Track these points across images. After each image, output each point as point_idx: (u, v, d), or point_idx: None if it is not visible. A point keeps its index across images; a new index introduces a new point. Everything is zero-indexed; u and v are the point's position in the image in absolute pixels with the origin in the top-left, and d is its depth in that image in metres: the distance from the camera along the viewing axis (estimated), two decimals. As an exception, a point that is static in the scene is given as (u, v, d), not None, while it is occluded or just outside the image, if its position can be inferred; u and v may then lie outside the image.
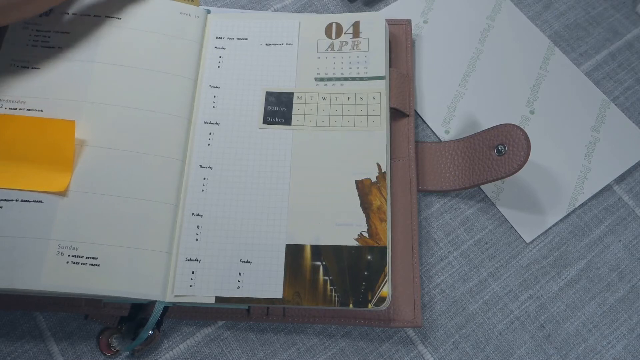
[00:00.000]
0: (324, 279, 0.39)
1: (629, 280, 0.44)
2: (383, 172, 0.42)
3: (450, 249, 0.44)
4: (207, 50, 0.46)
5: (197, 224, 0.41)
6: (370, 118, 0.44)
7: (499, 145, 0.43)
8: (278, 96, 0.45)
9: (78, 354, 0.40)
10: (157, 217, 0.40)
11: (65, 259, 0.37)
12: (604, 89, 0.50)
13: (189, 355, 0.41)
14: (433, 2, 0.53)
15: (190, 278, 0.39)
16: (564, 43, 0.51)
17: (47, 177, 0.39)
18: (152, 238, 0.39)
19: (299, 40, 0.47)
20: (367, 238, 0.40)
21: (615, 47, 0.51)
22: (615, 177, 0.47)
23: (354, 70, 0.45)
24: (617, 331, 0.42)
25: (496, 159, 0.43)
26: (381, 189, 0.42)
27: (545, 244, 0.45)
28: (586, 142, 0.48)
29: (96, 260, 0.38)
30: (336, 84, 0.45)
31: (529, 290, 0.43)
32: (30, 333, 0.40)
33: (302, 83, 0.45)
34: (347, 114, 0.44)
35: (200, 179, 0.42)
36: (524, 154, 0.42)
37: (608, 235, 0.45)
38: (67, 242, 0.38)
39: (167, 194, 0.41)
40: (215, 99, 0.45)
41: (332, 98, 0.45)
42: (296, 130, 0.44)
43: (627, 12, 0.53)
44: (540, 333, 0.42)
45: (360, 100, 0.44)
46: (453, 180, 0.45)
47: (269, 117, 0.44)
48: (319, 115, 0.44)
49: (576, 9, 0.53)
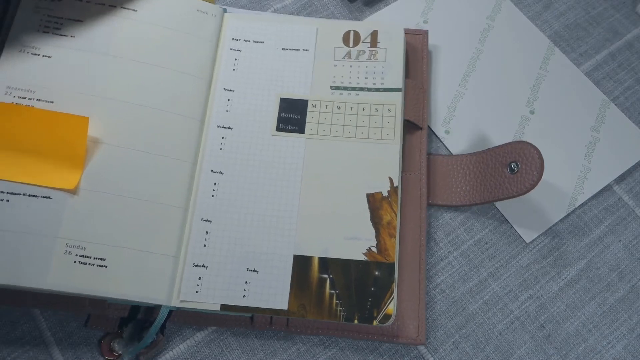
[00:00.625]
0: (330, 292, 0.39)
1: (629, 280, 0.44)
2: (395, 187, 0.42)
3: (450, 249, 0.44)
4: (223, 51, 0.46)
5: (205, 230, 0.40)
6: (384, 130, 0.43)
7: (512, 163, 0.42)
8: (292, 103, 0.44)
9: (78, 354, 0.40)
10: (167, 220, 0.39)
11: (72, 258, 0.37)
12: (604, 89, 0.50)
13: (189, 355, 0.41)
14: (433, 2, 0.53)
15: (197, 284, 0.39)
16: (564, 43, 0.51)
17: (56, 172, 0.38)
18: (161, 241, 0.39)
19: (315, 46, 0.46)
20: (375, 253, 0.40)
21: (615, 47, 0.51)
22: (615, 177, 0.47)
23: (370, 80, 0.45)
24: (617, 331, 0.42)
25: (508, 177, 0.42)
26: (392, 204, 0.41)
27: (545, 244, 0.45)
28: (586, 142, 0.48)
29: (104, 262, 0.37)
30: (351, 94, 0.45)
31: (529, 290, 0.43)
32: (30, 333, 0.40)
33: (317, 91, 0.45)
34: (361, 125, 0.44)
35: (211, 183, 0.42)
36: (537, 173, 0.41)
37: (608, 235, 0.45)
38: (75, 241, 0.37)
39: (178, 197, 0.40)
40: (229, 103, 0.44)
41: (346, 108, 0.44)
42: (309, 139, 0.43)
43: (627, 12, 0.53)
44: (540, 333, 0.42)
45: (375, 111, 0.44)
46: (463, 195, 0.44)
47: (282, 124, 0.44)
48: (333, 125, 0.44)
49: (576, 9, 0.53)
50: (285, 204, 0.41)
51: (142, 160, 0.40)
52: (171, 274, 0.39)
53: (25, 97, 0.40)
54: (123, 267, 0.38)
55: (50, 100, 0.40)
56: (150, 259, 0.38)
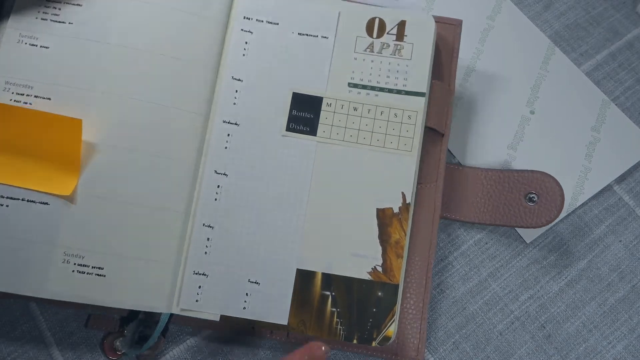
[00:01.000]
0: (332, 310, 0.38)
1: (630, 281, 0.44)
2: (407, 203, 0.39)
3: (450, 249, 0.44)
4: (233, 32, 0.41)
5: (207, 236, 0.39)
6: (402, 140, 0.40)
7: (531, 194, 0.41)
8: (305, 100, 0.41)
9: (78, 355, 0.40)
10: (167, 226, 0.38)
11: (71, 267, 0.36)
12: (605, 89, 0.50)
13: (189, 355, 0.40)
14: (433, 2, 0.52)
15: (197, 292, 0.38)
16: (564, 43, 0.51)
17: (53, 177, 0.37)
18: (161, 248, 0.38)
19: (336, 33, 0.42)
20: (380, 273, 0.38)
21: (615, 47, 0.51)
22: (616, 177, 0.47)
23: (392, 80, 0.41)
24: (617, 331, 0.42)
25: (525, 206, 0.41)
26: (402, 222, 0.39)
27: (546, 244, 0.45)
28: (586, 142, 0.48)
29: (102, 271, 0.37)
30: (370, 94, 0.41)
31: (529, 290, 0.43)
32: (30, 333, 0.40)
33: (333, 87, 0.41)
34: (378, 131, 0.40)
35: (215, 186, 0.39)
36: (556, 211, 0.40)
37: (608, 235, 0.45)
38: (74, 249, 0.36)
39: (179, 201, 0.38)
40: (237, 95, 0.40)
41: (363, 110, 0.41)
42: (321, 143, 0.40)
43: (627, 12, 0.53)
44: (540, 333, 0.42)
45: (394, 117, 0.40)
46: (476, 213, 0.43)
47: (293, 123, 0.40)
48: (348, 128, 0.40)
49: (576, 9, 0.53)
50: (291, 213, 0.39)
51: (141, 163, 0.38)
52: (171, 282, 0.38)
53: (24, 94, 0.38)
54: (122, 276, 0.37)
55: (47, 97, 0.38)
56: (149, 266, 0.37)
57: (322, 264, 0.39)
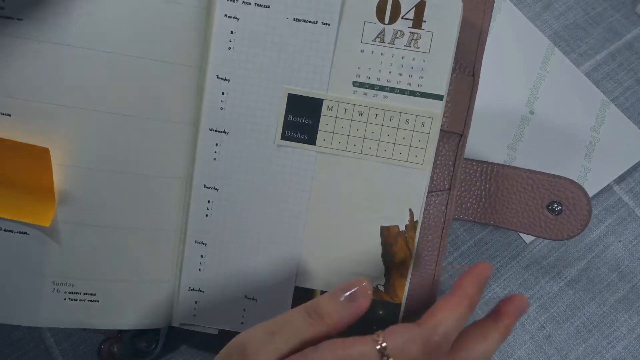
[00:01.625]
0: None
1: (629, 281, 0.44)
2: (414, 222, 0.36)
3: (450, 249, 0.44)
4: (216, 19, 0.35)
5: (200, 253, 0.36)
6: (412, 150, 0.35)
7: (555, 204, 0.37)
8: (303, 102, 0.35)
9: (78, 355, 0.40)
10: (157, 245, 0.36)
11: (62, 295, 0.35)
12: (604, 89, 0.50)
13: (189, 356, 0.40)
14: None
15: (194, 308, 0.37)
16: (563, 43, 0.51)
17: (28, 206, 0.33)
18: (153, 268, 0.36)
19: (340, 19, 0.35)
20: (382, 292, 0.36)
21: (615, 48, 0.52)
22: (615, 177, 0.47)
23: (405, 78, 0.35)
24: (617, 331, 0.42)
25: (546, 216, 0.37)
26: (408, 241, 0.36)
27: (545, 245, 0.45)
28: (586, 142, 0.48)
29: (95, 297, 0.35)
30: (378, 95, 0.35)
31: (529, 290, 0.43)
32: (31, 334, 0.40)
33: (335, 86, 0.35)
34: (386, 140, 0.35)
35: (205, 201, 0.36)
36: (581, 226, 0.36)
37: (608, 235, 0.45)
38: (62, 278, 0.34)
39: (169, 219, 0.36)
40: (225, 97, 0.35)
41: (370, 115, 0.35)
42: (321, 154, 0.36)
43: (626, 12, 0.53)
44: (540, 333, 0.42)
45: (406, 123, 0.35)
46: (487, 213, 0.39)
47: (289, 130, 0.35)
48: (351, 137, 0.36)
49: (576, 10, 0.53)
50: (288, 230, 0.36)
51: (123, 183, 0.34)
52: (167, 299, 0.36)
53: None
54: (116, 299, 0.35)
55: (7, 113, 0.32)
56: (143, 287, 0.36)
57: (322, 282, 0.36)
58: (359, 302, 0.30)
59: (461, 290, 0.31)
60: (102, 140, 0.34)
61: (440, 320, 0.29)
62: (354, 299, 0.30)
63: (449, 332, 0.29)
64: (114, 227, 0.35)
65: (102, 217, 0.34)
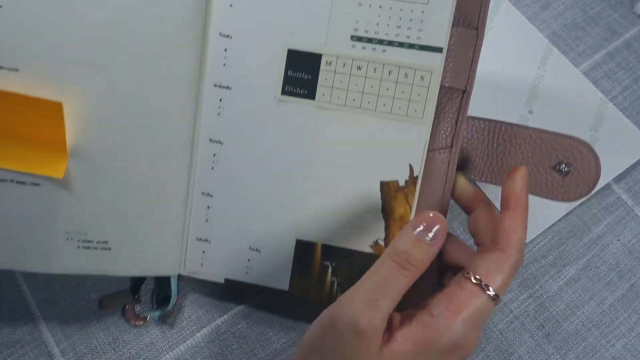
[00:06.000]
0: (332, 279, 0.38)
1: (628, 279, 0.44)
2: (414, 177, 0.36)
3: (450, 248, 0.44)
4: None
5: (207, 204, 0.38)
6: (412, 105, 0.35)
7: (562, 164, 0.36)
8: (302, 58, 0.36)
9: (78, 355, 0.40)
10: (167, 196, 0.37)
11: (75, 244, 0.36)
12: (603, 89, 0.50)
13: (189, 356, 0.40)
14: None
15: (201, 257, 0.39)
16: (562, 43, 0.52)
17: (41, 158, 0.35)
18: (163, 218, 0.38)
19: None
20: (382, 247, 0.37)
21: (613, 47, 0.52)
22: (614, 176, 0.47)
23: (403, 31, 0.34)
24: (616, 330, 0.43)
25: (553, 177, 0.37)
26: (408, 196, 0.36)
27: (545, 243, 0.45)
28: (585, 141, 0.48)
29: (107, 244, 0.36)
30: (377, 49, 0.35)
31: (528, 289, 0.43)
32: (31, 334, 0.40)
33: (334, 41, 0.35)
34: (385, 95, 0.35)
35: (210, 154, 0.37)
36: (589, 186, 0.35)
37: (607, 234, 0.45)
38: (75, 227, 0.36)
39: (176, 171, 0.38)
40: (227, 54, 0.36)
41: (369, 69, 0.35)
42: (320, 109, 0.36)
43: (624, 12, 0.53)
44: (540, 332, 0.42)
45: (404, 77, 0.35)
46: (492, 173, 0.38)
47: (289, 85, 0.36)
48: (350, 91, 0.36)
49: (574, 9, 0.53)
50: (290, 183, 0.37)
51: (132, 137, 0.36)
52: (176, 248, 0.38)
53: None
54: (127, 247, 0.37)
55: (14, 68, 0.33)
56: (153, 236, 0.37)
57: (323, 235, 0.37)
58: (441, 239, 0.30)
59: (521, 203, 0.31)
60: (110, 95, 0.35)
61: (518, 241, 0.30)
62: (436, 237, 0.30)
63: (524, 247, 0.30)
64: (124, 179, 0.36)
65: (113, 169, 0.36)
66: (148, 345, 0.40)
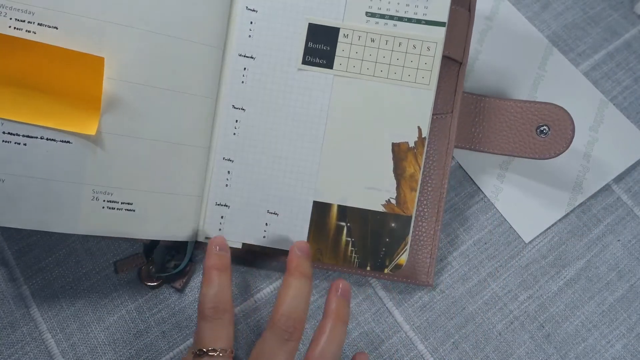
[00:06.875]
0: (347, 239, 0.40)
1: (628, 280, 0.44)
2: (423, 138, 0.40)
3: (450, 249, 0.44)
4: None
5: (227, 169, 0.40)
6: (419, 72, 0.40)
7: (543, 126, 0.42)
8: (322, 31, 0.40)
9: (78, 355, 0.40)
10: (189, 160, 0.39)
11: (100, 204, 0.37)
12: (602, 89, 0.50)
13: (189, 356, 0.41)
14: (431, 3, 0.53)
15: (220, 222, 0.40)
16: (562, 43, 0.52)
17: (74, 115, 0.35)
18: (185, 182, 0.39)
19: None
20: (394, 205, 0.40)
21: (613, 47, 0.52)
22: (614, 176, 0.47)
23: (411, 8, 0.40)
24: (616, 330, 0.43)
25: (534, 138, 0.42)
26: (417, 156, 0.40)
27: (545, 244, 0.45)
28: (585, 141, 0.48)
29: (131, 206, 0.38)
30: (389, 24, 0.40)
31: (528, 290, 0.43)
32: (31, 334, 0.40)
33: (351, 16, 0.40)
34: (395, 64, 0.40)
35: (233, 120, 0.40)
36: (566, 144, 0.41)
37: (607, 234, 0.45)
38: (102, 187, 0.37)
39: (200, 136, 0.39)
40: (252, 27, 0.40)
41: (381, 41, 0.40)
42: (337, 76, 0.40)
43: (625, 12, 0.53)
44: (539, 333, 0.42)
45: (413, 48, 0.40)
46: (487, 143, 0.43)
47: (309, 56, 0.40)
48: (364, 61, 0.40)
49: (574, 9, 0.53)
50: (308, 148, 0.40)
51: (161, 98, 0.38)
52: (196, 213, 0.40)
53: (25, 20, 0.34)
54: (150, 210, 0.38)
55: (54, 26, 0.35)
56: (175, 199, 0.39)
57: (338, 196, 0.40)
58: None
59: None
60: (143, 56, 0.37)
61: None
62: None
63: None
64: (152, 139, 0.38)
65: (141, 130, 0.37)
66: (148, 346, 0.40)
